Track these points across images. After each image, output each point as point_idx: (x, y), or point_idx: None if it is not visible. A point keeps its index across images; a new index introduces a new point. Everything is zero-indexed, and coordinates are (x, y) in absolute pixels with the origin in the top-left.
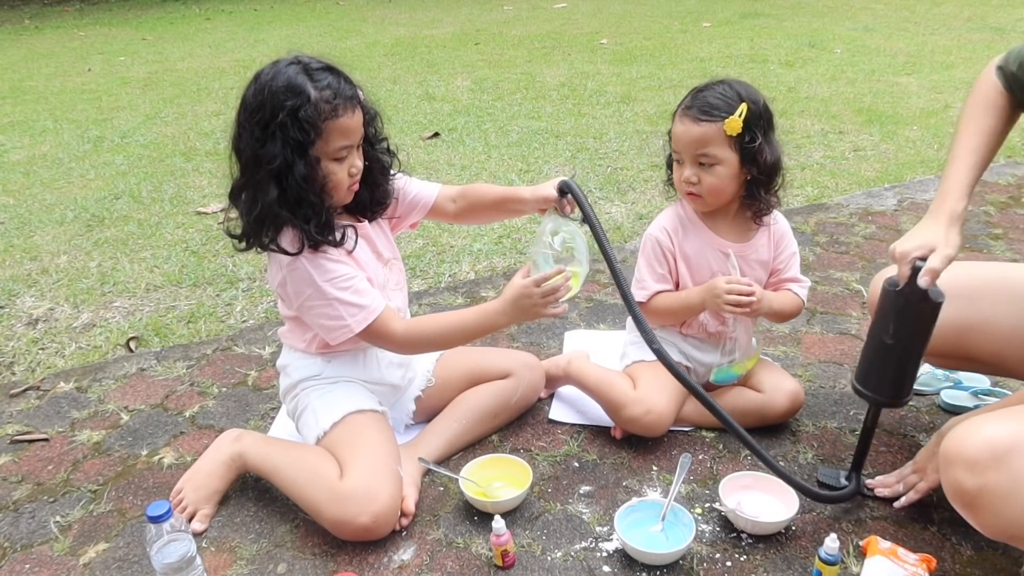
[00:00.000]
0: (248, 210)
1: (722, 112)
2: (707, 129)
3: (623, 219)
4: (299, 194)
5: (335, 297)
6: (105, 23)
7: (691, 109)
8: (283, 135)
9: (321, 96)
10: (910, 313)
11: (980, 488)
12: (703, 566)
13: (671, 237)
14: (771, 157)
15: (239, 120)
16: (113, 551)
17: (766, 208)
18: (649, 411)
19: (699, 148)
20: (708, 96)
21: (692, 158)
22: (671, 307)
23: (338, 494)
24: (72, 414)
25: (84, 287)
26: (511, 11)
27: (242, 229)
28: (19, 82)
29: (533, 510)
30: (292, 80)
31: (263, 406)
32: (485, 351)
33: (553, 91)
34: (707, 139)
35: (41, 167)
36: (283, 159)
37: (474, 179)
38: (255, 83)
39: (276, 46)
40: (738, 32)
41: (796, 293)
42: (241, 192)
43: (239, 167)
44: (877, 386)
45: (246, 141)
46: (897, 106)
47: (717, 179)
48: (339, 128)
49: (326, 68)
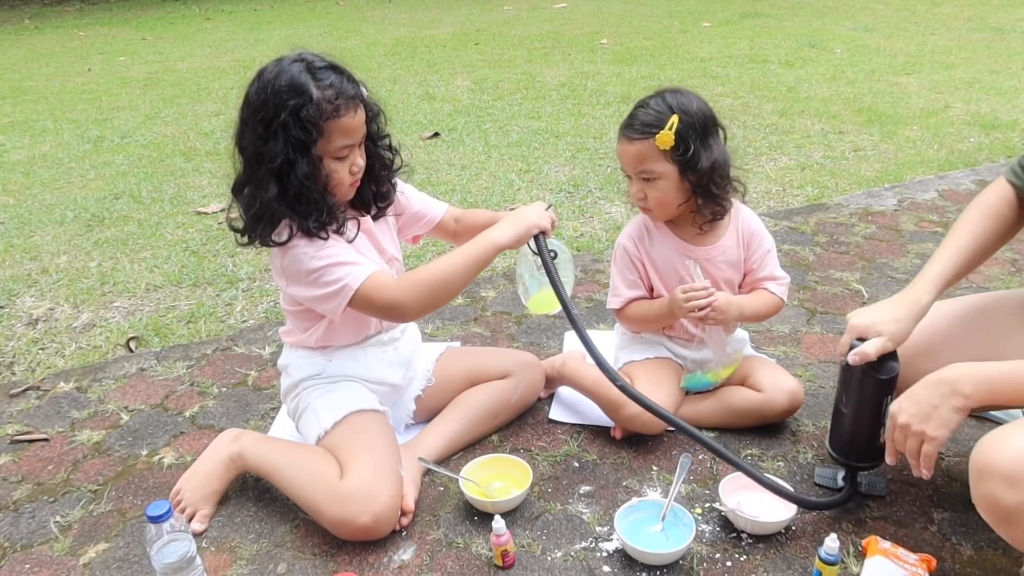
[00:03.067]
0: (248, 206)
1: (654, 128)
2: (641, 147)
3: (623, 219)
4: (300, 191)
5: (329, 262)
6: (105, 23)
7: (628, 128)
8: (285, 134)
9: (323, 96)
10: (854, 385)
11: (1020, 504)
12: (703, 566)
13: (637, 245)
14: (707, 163)
15: (242, 117)
16: (113, 551)
17: (719, 211)
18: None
19: (638, 165)
20: (640, 114)
21: (636, 175)
22: (646, 315)
23: (338, 494)
24: (72, 414)
25: (84, 287)
26: (511, 11)
27: (243, 224)
28: (19, 82)
29: (533, 510)
30: (295, 79)
31: (263, 406)
32: (485, 351)
33: (553, 91)
34: (643, 156)
35: (41, 167)
36: (285, 157)
37: (474, 179)
38: (258, 80)
39: (276, 46)
40: (738, 32)
41: (773, 292)
42: (243, 188)
43: (242, 163)
44: (844, 450)
45: (249, 138)
46: (897, 106)
47: (661, 192)
48: (341, 127)
49: (330, 67)
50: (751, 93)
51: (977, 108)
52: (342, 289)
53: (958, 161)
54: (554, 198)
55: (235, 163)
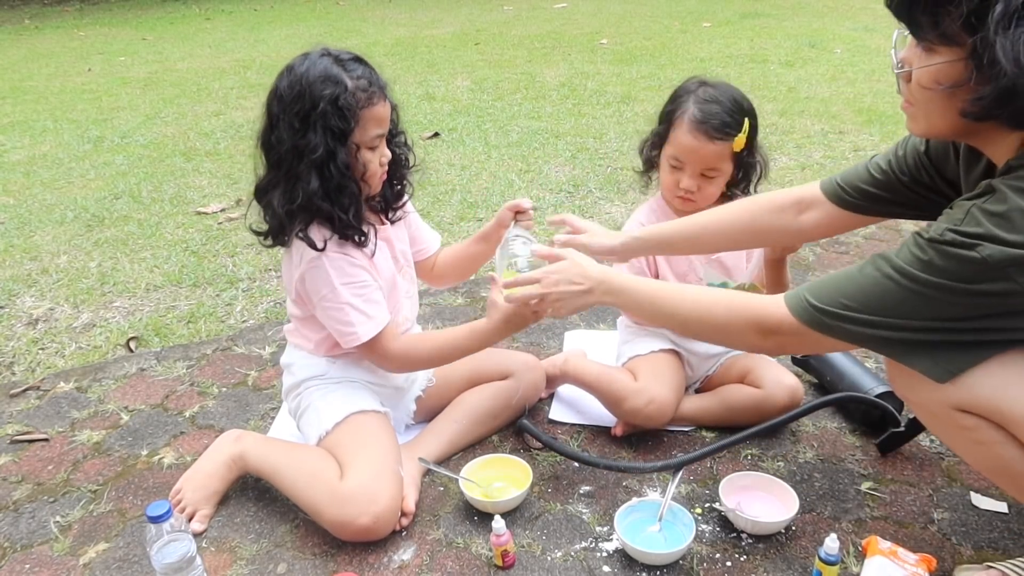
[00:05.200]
0: (284, 202)
1: (732, 130)
2: (720, 148)
3: (623, 219)
4: (340, 183)
5: (348, 301)
6: (105, 23)
7: (704, 124)
8: (324, 123)
9: (357, 84)
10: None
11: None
12: (703, 566)
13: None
14: (763, 163)
15: (271, 113)
16: (113, 551)
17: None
18: (652, 400)
19: (710, 163)
20: (720, 112)
21: (698, 172)
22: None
23: (339, 495)
24: (72, 414)
25: (84, 287)
26: (511, 11)
27: (269, 225)
28: (19, 82)
29: (533, 510)
30: (328, 70)
31: (263, 406)
32: (485, 351)
33: (553, 91)
34: (720, 155)
35: (41, 167)
36: (325, 148)
37: (474, 179)
38: (288, 75)
39: (276, 46)
40: (738, 32)
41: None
42: (268, 189)
43: (268, 163)
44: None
45: (284, 133)
46: (897, 106)
47: (716, 188)
48: (374, 116)
49: (356, 59)
50: (751, 93)
51: None
52: (351, 335)
53: None
54: (554, 198)
55: (257, 166)
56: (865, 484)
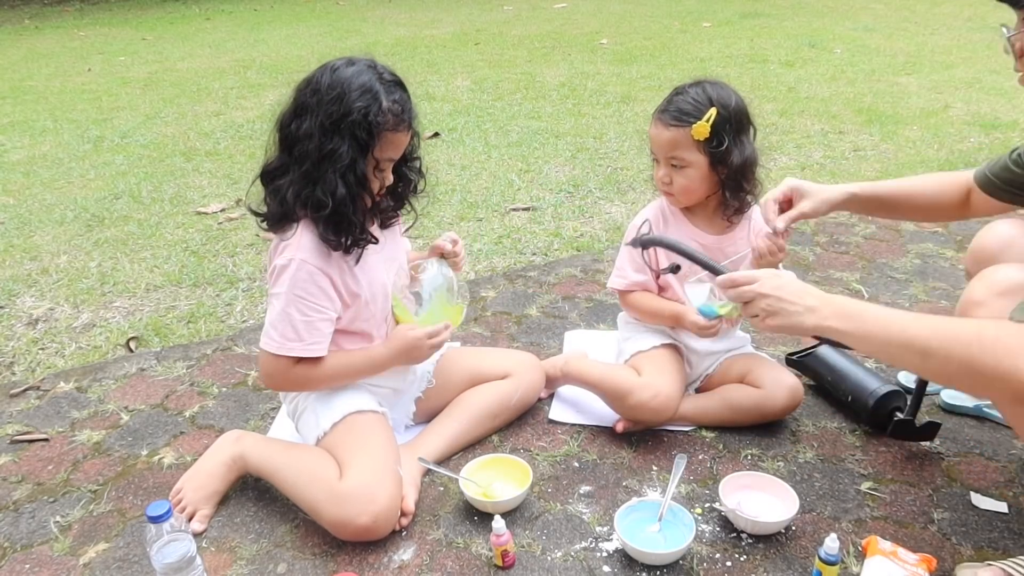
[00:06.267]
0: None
1: (691, 117)
2: (676, 134)
3: (623, 219)
4: (353, 192)
5: (290, 314)
6: (105, 23)
7: (664, 113)
8: (351, 133)
9: (391, 107)
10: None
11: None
12: (703, 566)
13: (652, 228)
14: (739, 159)
15: (301, 100)
16: (113, 551)
17: (740, 206)
18: (657, 394)
19: (670, 151)
20: (680, 101)
21: (665, 160)
22: (648, 309)
23: (338, 495)
24: (72, 414)
25: (84, 287)
26: (511, 11)
27: (270, 210)
28: (19, 82)
29: (533, 510)
30: (370, 84)
31: (263, 406)
32: (485, 351)
33: (553, 91)
34: (676, 143)
35: (41, 167)
36: (351, 158)
37: (474, 179)
38: (331, 74)
39: (276, 46)
40: (738, 32)
41: None
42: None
43: (282, 147)
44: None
45: (312, 128)
46: (897, 106)
47: (687, 180)
48: (393, 141)
49: (397, 82)
50: (751, 93)
51: (977, 108)
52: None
53: (958, 161)
54: (554, 198)
55: (270, 145)
56: (865, 484)
